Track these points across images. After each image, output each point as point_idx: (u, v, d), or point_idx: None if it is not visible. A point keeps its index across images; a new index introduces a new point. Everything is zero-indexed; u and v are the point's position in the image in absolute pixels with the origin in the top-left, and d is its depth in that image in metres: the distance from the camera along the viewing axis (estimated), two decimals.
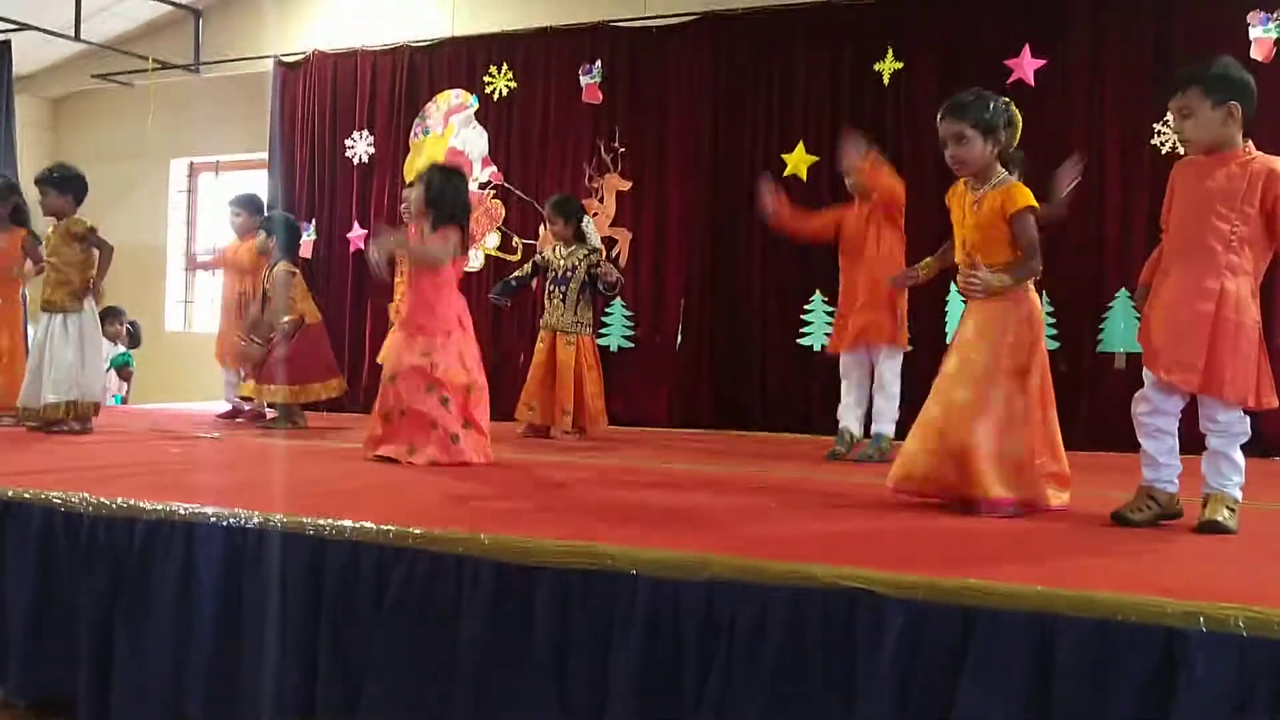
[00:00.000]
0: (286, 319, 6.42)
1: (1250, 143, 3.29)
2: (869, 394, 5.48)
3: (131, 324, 9.03)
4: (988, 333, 3.61)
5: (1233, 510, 3.24)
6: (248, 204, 7.08)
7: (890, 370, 5.40)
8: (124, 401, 8.96)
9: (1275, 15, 6.13)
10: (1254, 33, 6.17)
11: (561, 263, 6.29)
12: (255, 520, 2.99)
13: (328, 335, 6.89)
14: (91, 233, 5.84)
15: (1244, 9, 6.20)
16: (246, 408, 6.97)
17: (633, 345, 7.67)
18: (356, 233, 8.46)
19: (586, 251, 6.29)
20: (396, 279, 6.55)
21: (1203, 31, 6.29)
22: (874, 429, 5.41)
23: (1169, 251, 3.37)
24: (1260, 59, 6.14)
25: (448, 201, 4.82)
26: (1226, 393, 3.19)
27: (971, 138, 3.60)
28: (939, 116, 3.67)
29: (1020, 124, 3.70)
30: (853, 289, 5.46)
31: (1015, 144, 3.71)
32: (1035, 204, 3.62)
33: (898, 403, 5.34)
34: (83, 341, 5.73)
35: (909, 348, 5.47)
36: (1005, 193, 3.61)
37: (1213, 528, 3.19)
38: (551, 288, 6.30)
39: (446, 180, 4.89)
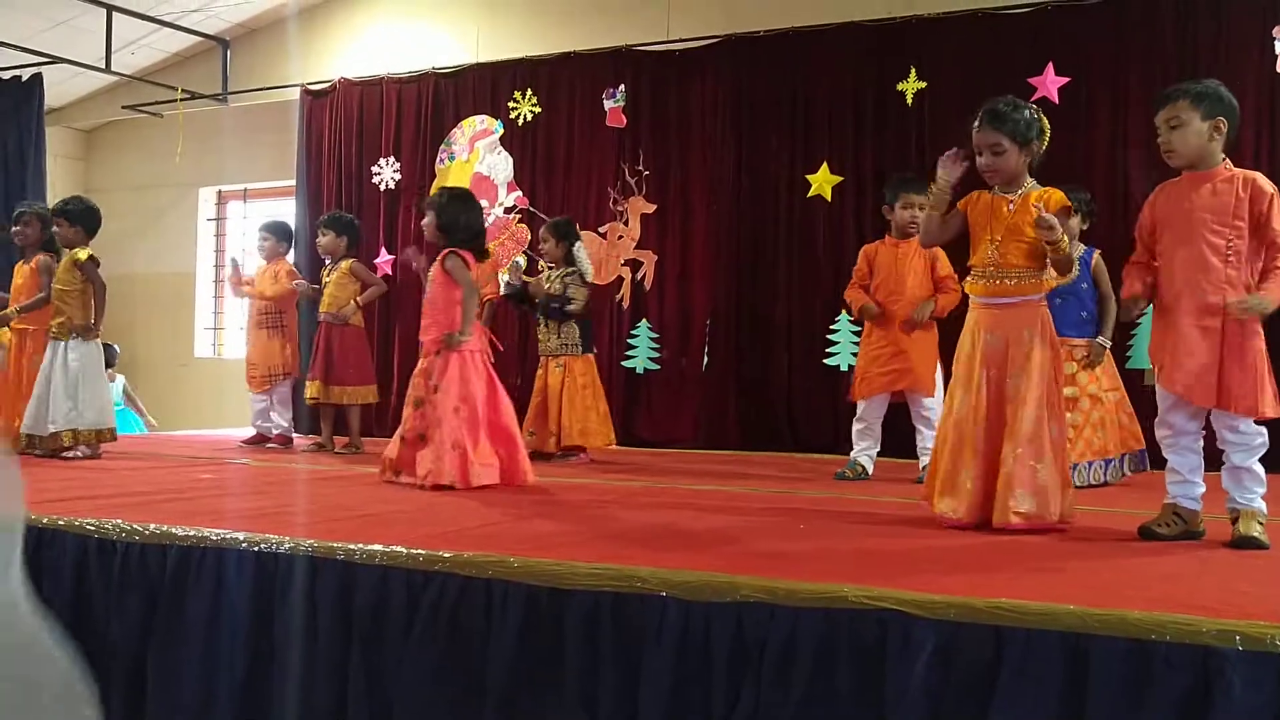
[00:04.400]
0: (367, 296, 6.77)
1: (1228, 160, 3.38)
2: (881, 433, 5.51)
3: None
4: (1022, 349, 3.62)
5: (1263, 525, 3.25)
6: (276, 230, 7.15)
7: (934, 403, 5.34)
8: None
9: None
10: (1279, 47, 6.14)
11: (545, 287, 6.35)
12: (286, 545, 3.01)
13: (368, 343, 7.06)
14: (88, 262, 5.83)
15: (1268, 24, 6.17)
16: (275, 432, 7.02)
17: (658, 367, 7.67)
18: (383, 258, 8.51)
19: (566, 274, 6.29)
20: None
21: (1226, 47, 6.27)
22: (926, 461, 5.31)
23: (1166, 272, 3.43)
24: None
25: (453, 225, 4.90)
26: (1237, 405, 3.25)
27: (1008, 149, 3.65)
28: (975, 125, 3.72)
29: (1048, 131, 3.75)
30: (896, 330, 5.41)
31: (1043, 150, 3.75)
32: (1070, 204, 3.73)
33: None
34: (80, 370, 5.77)
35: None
36: (1045, 195, 3.66)
37: (1248, 543, 3.21)
38: (539, 313, 6.40)
39: (451, 204, 4.97)
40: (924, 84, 6.92)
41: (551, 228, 6.47)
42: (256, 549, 3.05)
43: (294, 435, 7.17)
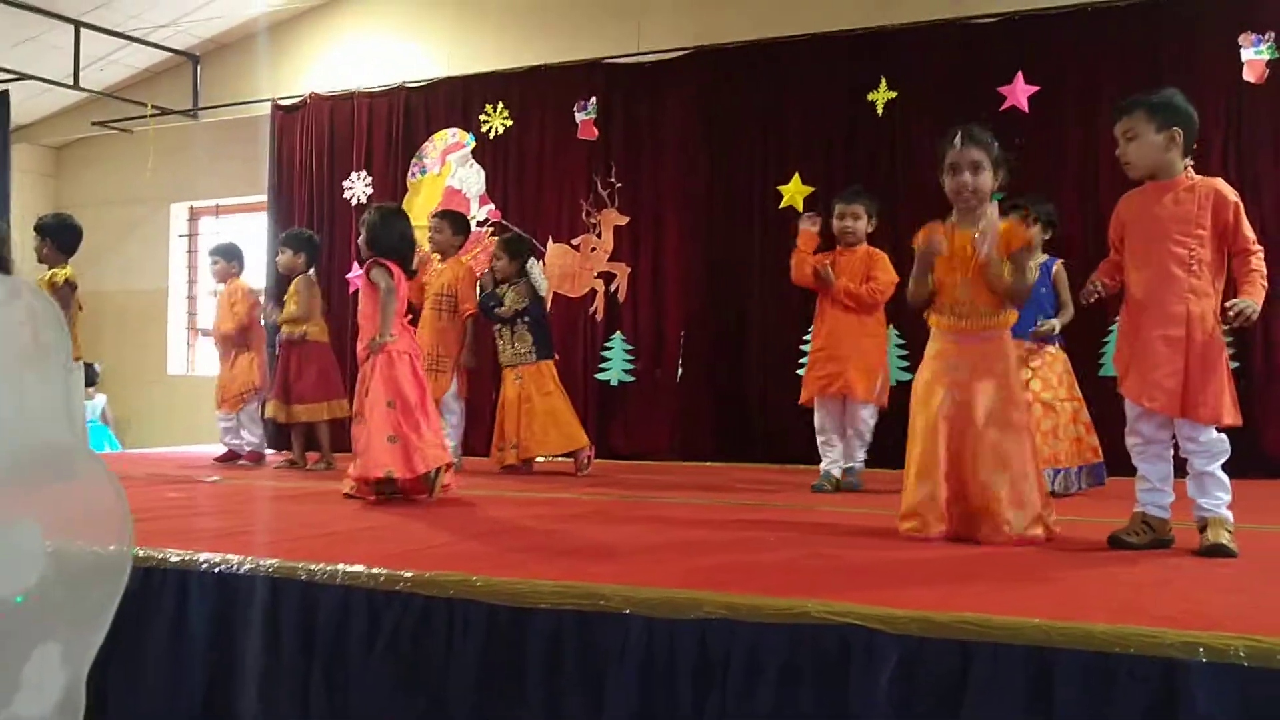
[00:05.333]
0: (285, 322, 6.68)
1: (1190, 168, 3.40)
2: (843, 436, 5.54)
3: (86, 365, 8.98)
4: (991, 375, 3.62)
5: (1230, 533, 3.25)
6: (225, 252, 7.12)
7: (869, 415, 5.44)
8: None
9: (1267, 37, 6.13)
10: (1245, 54, 6.17)
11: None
12: (247, 566, 2.97)
13: (333, 356, 6.96)
14: (64, 286, 5.71)
15: (1235, 31, 6.20)
16: (246, 449, 6.96)
17: (633, 379, 7.64)
18: (356, 273, 8.46)
19: (513, 284, 6.35)
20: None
21: (1195, 54, 6.29)
22: (847, 465, 5.44)
23: (1132, 281, 3.44)
24: (1253, 80, 6.15)
25: (382, 239, 5.03)
26: (1202, 414, 3.26)
27: (987, 168, 3.67)
28: (953, 143, 3.68)
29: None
30: (836, 334, 5.43)
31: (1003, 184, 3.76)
32: (1031, 240, 3.72)
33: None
34: None
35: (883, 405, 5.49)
36: (1009, 228, 3.65)
37: (1217, 551, 3.21)
38: (496, 327, 6.47)
39: (382, 220, 5.12)
40: (894, 94, 6.92)
41: (504, 244, 6.53)
42: (217, 570, 3.00)
43: (266, 451, 7.12)
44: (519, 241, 6.59)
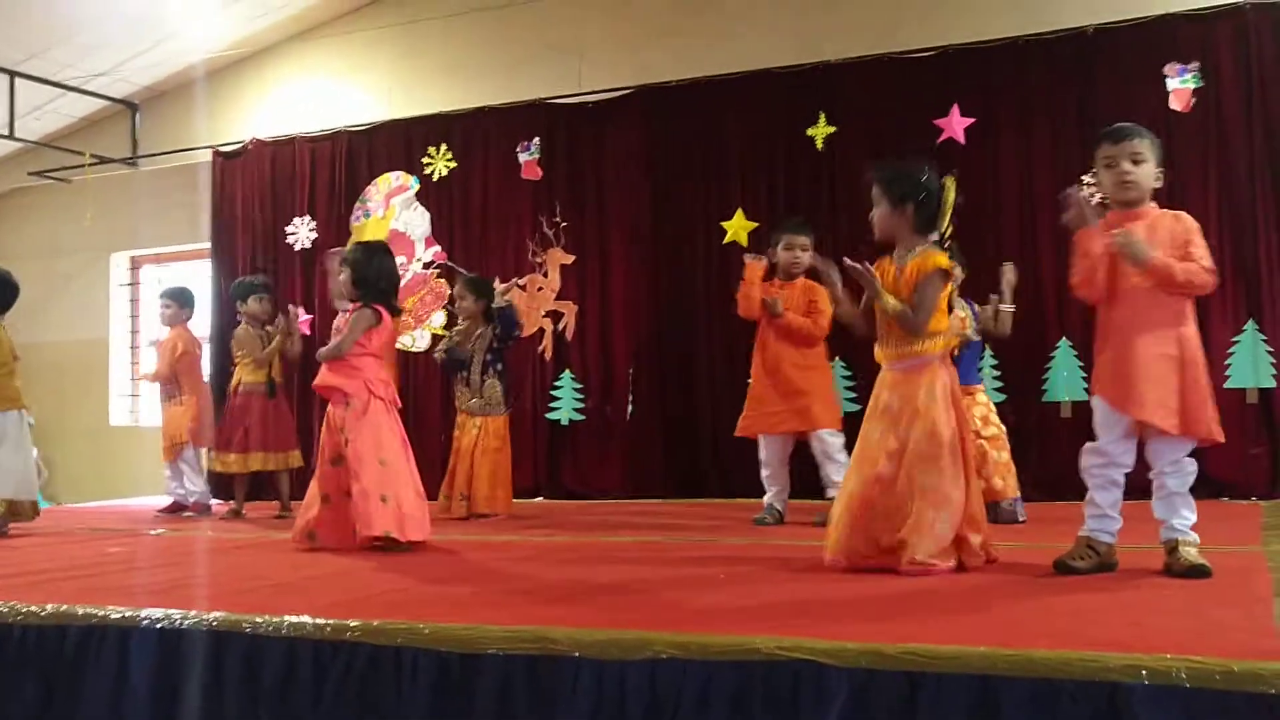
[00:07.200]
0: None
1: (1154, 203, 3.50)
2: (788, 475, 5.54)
3: None
4: (916, 404, 3.65)
5: (1198, 551, 3.32)
6: (177, 296, 7.04)
7: (833, 437, 5.41)
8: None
9: (1191, 67, 6.29)
10: (1171, 84, 6.32)
11: (467, 346, 6.30)
12: (189, 621, 2.92)
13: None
14: None
15: (1162, 61, 6.35)
16: (191, 499, 6.85)
17: (583, 418, 7.63)
18: (300, 318, 8.39)
19: (490, 333, 6.25)
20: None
21: (1124, 84, 6.43)
22: (831, 493, 5.34)
23: (1121, 305, 3.43)
24: (1179, 109, 6.29)
25: (372, 279, 4.84)
26: (1200, 430, 3.31)
27: (883, 205, 3.73)
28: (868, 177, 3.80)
29: (947, 204, 3.74)
30: (779, 369, 5.45)
31: (945, 221, 3.75)
32: (947, 266, 3.71)
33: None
34: (14, 439, 5.63)
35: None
36: (922, 257, 3.69)
37: (1196, 571, 3.24)
38: (461, 374, 6.32)
39: (370, 258, 4.91)
40: (833, 129, 7.01)
41: (468, 284, 6.45)
42: (159, 626, 2.94)
43: (211, 501, 7.02)
44: (483, 281, 6.48)
